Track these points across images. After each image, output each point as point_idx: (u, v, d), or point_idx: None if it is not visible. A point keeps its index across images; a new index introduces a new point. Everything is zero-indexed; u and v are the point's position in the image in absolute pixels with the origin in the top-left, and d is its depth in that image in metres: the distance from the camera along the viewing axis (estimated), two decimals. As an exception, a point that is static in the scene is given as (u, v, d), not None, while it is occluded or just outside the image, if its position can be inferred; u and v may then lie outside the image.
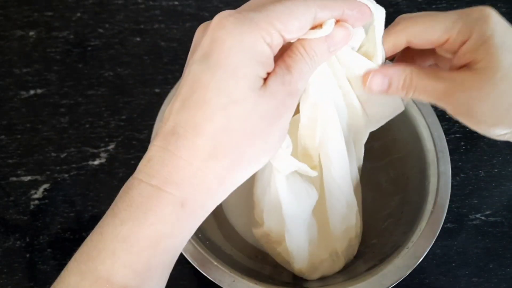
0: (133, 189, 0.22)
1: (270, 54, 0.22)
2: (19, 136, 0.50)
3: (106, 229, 0.22)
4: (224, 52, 0.21)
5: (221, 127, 0.21)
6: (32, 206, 0.47)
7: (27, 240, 0.45)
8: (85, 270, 0.21)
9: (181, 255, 0.33)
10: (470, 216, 0.47)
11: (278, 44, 0.22)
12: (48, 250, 0.44)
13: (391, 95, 0.28)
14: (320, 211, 0.35)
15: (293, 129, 0.30)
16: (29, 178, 0.48)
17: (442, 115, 0.54)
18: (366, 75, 0.27)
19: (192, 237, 0.34)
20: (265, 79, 0.22)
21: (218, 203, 0.23)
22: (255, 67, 0.21)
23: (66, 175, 0.48)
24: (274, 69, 0.22)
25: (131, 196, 0.22)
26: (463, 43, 0.25)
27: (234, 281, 0.32)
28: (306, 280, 0.38)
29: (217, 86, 0.21)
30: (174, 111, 0.22)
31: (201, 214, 0.23)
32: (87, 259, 0.22)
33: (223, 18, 0.21)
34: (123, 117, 0.52)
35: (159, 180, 0.21)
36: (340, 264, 0.37)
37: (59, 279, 0.23)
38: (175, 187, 0.21)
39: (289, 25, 0.21)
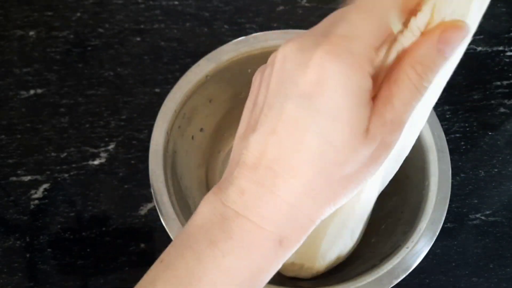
0: (231, 221, 0.21)
1: (371, 86, 0.20)
2: (19, 136, 0.50)
3: (205, 257, 0.21)
4: (328, 96, 0.19)
5: (318, 172, 0.20)
6: (32, 206, 0.47)
7: (27, 240, 0.45)
8: None
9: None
10: (470, 216, 0.47)
11: (378, 63, 0.21)
12: (48, 250, 0.45)
13: None
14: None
15: None
16: (29, 178, 0.48)
17: (442, 115, 0.54)
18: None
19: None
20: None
21: (305, 239, 0.23)
22: (360, 110, 0.20)
23: (66, 175, 0.48)
24: (375, 103, 0.20)
25: (231, 228, 0.21)
26: None
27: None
28: (305, 280, 0.38)
29: (318, 132, 0.20)
30: (269, 145, 0.21)
31: (294, 248, 0.23)
32: (186, 284, 0.21)
33: (325, 57, 0.19)
34: (123, 117, 0.52)
35: (258, 217, 0.21)
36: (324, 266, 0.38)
37: None
38: (274, 225, 0.21)
39: (380, 36, 0.20)
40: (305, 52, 0.20)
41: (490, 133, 0.52)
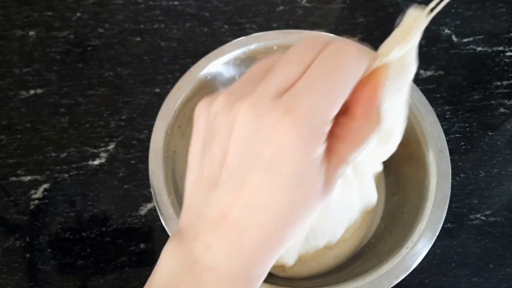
0: (202, 275, 0.22)
1: (324, 146, 0.22)
2: (19, 136, 0.50)
3: None
4: (289, 167, 0.21)
5: (277, 226, 0.22)
6: (32, 206, 0.47)
7: (27, 240, 0.45)
8: None
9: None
10: (470, 216, 0.47)
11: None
12: (48, 250, 0.45)
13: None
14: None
15: None
16: (29, 178, 0.48)
17: (442, 115, 0.54)
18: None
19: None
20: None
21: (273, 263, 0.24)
22: (319, 175, 0.22)
23: (66, 175, 0.48)
24: (328, 156, 0.22)
25: (201, 281, 0.22)
26: None
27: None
28: (304, 280, 0.38)
29: (279, 196, 0.21)
30: (234, 206, 0.22)
31: (261, 281, 0.24)
32: None
33: (284, 127, 0.20)
34: (123, 117, 0.52)
35: (227, 269, 0.22)
36: (328, 262, 0.38)
37: None
38: (244, 273, 0.22)
39: (339, 107, 0.21)
40: (266, 121, 0.21)
41: (490, 133, 0.52)
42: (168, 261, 0.23)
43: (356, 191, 0.36)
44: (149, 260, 0.44)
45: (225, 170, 0.22)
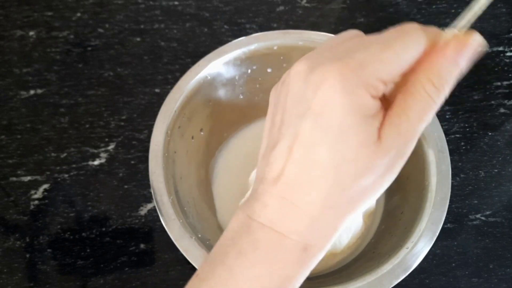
0: (257, 233, 0.23)
1: (378, 105, 0.22)
2: (19, 136, 0.50)
3: (235, 268, 0.23)
4: (336, 113, 0.21)
5: (333, 184, 0.22)
6: (32, 206, 0.47)
7: (27, 240, 0.45)
8: None
9: (181, 255, 0.33)
10: (470, 216, 0.47)
11: (385, 90, 0.22)
12: (48, 250, 0.44)
13: None
14: None
15: None
16: (29, 178, 0.48)
17: (442, 115, 0.54)
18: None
19: (192, 237, 0.34)
20: (380, 128, 0.22)
21: (329, 245, 0.24)
22: (367, 124, 0.21)
23: (66, 175, 0.48)
24: (388, 114, 0.22)
25: (257, 239, 0.23)
26: None
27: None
28: (305, 280, 0.38)
29: (330, 146, 0.21)
30: (288, 162, 0.22)
31: (319, 256, 0.24)
32: None
33: (331, 76, 0.21)
34: (123, 117, 0.52)
35: (282, 228, 0.22)
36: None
37: None
38: (297, 235, 0.22)
39: (392, 72, 0.21)
40: (316, 72, 0.21)
41: (490, 134, 0.52)
42: (233, 223, 0.24)
43: None
44: (149, 260, 0.44)
45: (282, 128, 0.23)
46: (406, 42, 0.21)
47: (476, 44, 0.21)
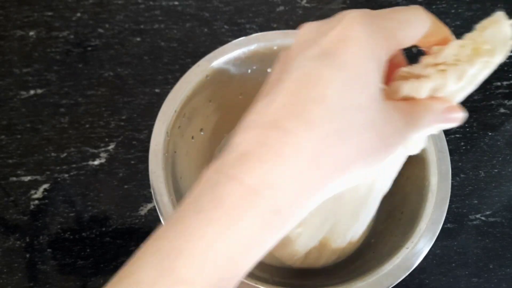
0: (221, 187, 0.19)
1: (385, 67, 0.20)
2: (19, 136, 0.50)
3: (189, 228, 0.19)
4: (353, 54, 0.19)
5: (336, 130, 0.18)
6: (32, 206, 0.47)
7: (27, 240, 0.45)
8: (164, 268, 0.19)
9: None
10: (470, 216, 0.47)
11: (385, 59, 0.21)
12: (48, 250, 0.45)
13: None
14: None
15: None
16: (29, 178, 0.48)
17: (442, 115, 0.54)
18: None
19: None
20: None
21: (304, 216, 0.20)
22: (379, 78, 0.20)
23: (66, 175, 0.48)
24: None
25: (220, 195, 0.19)
26: None
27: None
28: (305, 280, 0.38)
29: (341, 85, 0.18)
30: (279, 104, 0.19)
31: (289, 224, 0.20)
32: (165, 256, 0.19)
33: (356, 22, 0.19)
34: (123, 117, 0.52)
35: (255, 180, 0.19)
36: (328, 256, 0.38)
37: (124, 272, 0.20)
38: (272, 192, 0.19)
39: (406, 40, 0.21)
40: (334, 19, 0.20)
41: (490, 134, 0.52)
42: (198, 181, 0.21)
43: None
44: (149, 260, 0.44)
45: (281, 76, 0.20)
46: (407, 15, 0.21)
47: (459, 119, 0.24)
